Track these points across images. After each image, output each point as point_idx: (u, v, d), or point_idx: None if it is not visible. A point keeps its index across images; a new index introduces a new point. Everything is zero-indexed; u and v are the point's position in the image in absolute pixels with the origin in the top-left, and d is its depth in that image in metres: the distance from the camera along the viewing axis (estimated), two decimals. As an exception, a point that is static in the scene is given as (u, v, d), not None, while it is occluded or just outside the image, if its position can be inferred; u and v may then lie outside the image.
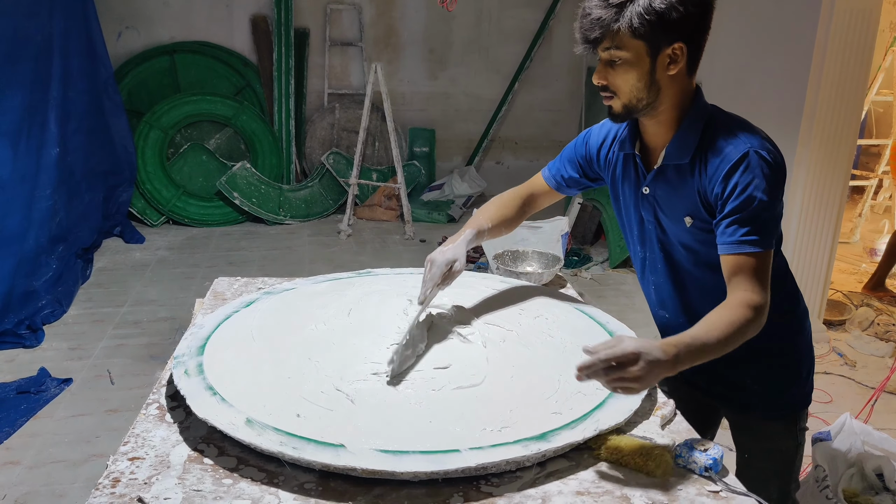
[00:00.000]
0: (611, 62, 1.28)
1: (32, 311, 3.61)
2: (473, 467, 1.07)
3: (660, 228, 1.43)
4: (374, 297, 1.71)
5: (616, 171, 1.50)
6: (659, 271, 1.49)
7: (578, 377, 1.11)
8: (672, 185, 1.37)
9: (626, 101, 1.31)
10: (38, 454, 2.59)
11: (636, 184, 1.45)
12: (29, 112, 3.89)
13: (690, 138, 1.33)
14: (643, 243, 1.50)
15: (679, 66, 1.28)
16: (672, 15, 1.22)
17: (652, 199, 1.42)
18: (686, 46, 1.27)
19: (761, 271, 1.27)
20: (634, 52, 1.26)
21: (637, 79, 1.28)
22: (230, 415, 1.17)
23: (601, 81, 1.31)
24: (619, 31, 1.24)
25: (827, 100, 3.46)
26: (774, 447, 1.52)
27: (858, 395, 3.23)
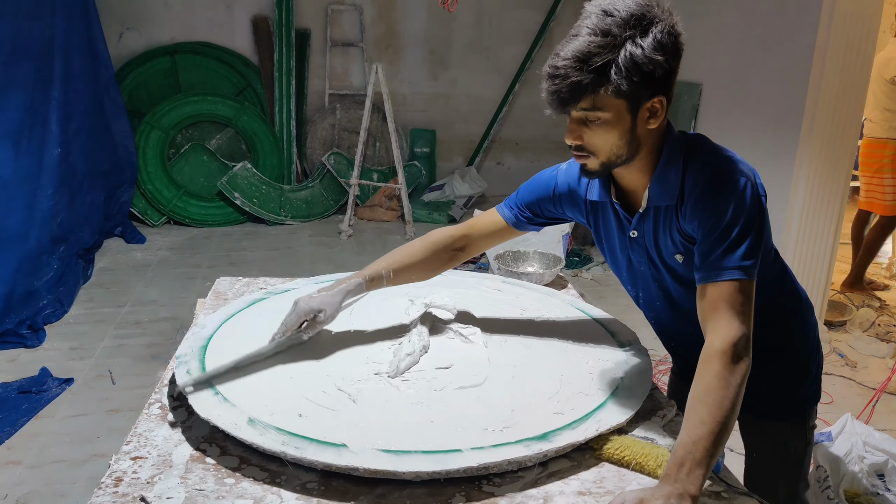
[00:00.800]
0: (585, 120, 1.19)
1: (34, 310, 3.61)
2: (475, 467, 1.07)
3: (653, 268, 1.37)
4: (375, 297, 1.72)
5: (594, 217, 1.43)
6: (658, 308, 1.44)
7: None
8: (659, 226, 1.30)
9: (605, 160, 1.23)
10: (39, 454, 2.59)
11: (620, 229, 1.38)
12: (30, 112, 3.90)
13: (671, 176, 1.25)
14: (634, 283, 1.45)
15: (660, 118, 1.21)
16: (657, 72, 1.15)
17: (641, 241, 1.35)
18: (665, 99, 1.20)
19: (740, 301, 1.17)
20: (615, 112, 1.17)
21: (618, 137, 1.20)
22: (232, 414, 1.18)
23: (576, 142, 1.22)
24: (599, 94, 1.15)
25: (827, 101, 3.47)
26: (784, 447, 1.49)
27: (859, 395, 3.23)
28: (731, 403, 1.09)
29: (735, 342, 1.13)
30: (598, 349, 1.48)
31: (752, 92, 3.90)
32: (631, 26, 1.14)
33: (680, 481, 1.01)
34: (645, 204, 1.30)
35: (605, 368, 1.39)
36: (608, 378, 1.35)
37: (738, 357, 1.13)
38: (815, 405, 1.52)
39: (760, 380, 1.37)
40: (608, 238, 1.42)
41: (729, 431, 1.09)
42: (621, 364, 1.41)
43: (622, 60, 1.13)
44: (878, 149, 4.15)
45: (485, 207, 5.24)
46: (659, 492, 0.99)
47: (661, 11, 1.16)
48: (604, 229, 1.42)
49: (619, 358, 1.44)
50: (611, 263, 1.47)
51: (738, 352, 1.13)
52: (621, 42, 1.13)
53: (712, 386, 1.10)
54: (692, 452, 1.04)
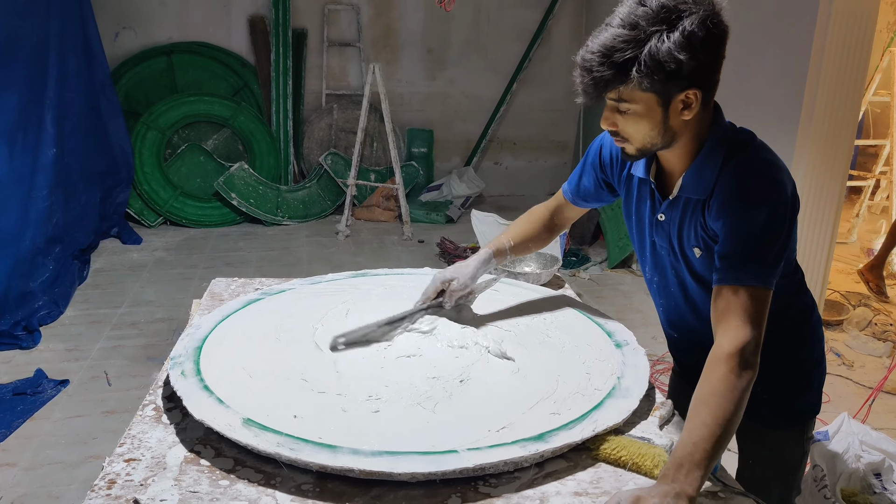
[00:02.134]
0: (618, 108, 1.19)
1: (29, 312, 3.59)
2: (471, 468, 1.07)
3: (673, 255, 1.36)
4: (371, 298, 1.71)
5: (631, 190, 1.42)
6: (671, 295, 1.43)
7: None
8: (686, 216, 1.30)
9: (640, 146, 1.23)
10: (34, 456, 2.58)
11: (651, 209, 1.37)
12: (25, 112, 3.88)
13: (708, 172, 1.23)
14: (654, 266, 1.44)
15: (694, 110, 1.18)
16: (683, 69, 1.11)
17: (667, 226, 1.34)
18: (700, 91, 1.17)
19: (754, 308, 1.15)
20: (644, 104, 1.16)
21: (649, 128, 1.19)
22: (227, 416, 1.17)
23: (610, 128, 1.23)
24: (625, 89, 1.15)
25: (825, 100, 3.46)
26: (780, 455, 1.48)
27: (856, 394, 3.24)
28: (734, 408, 1.09)
29: (745, 348, 1.12)
30: (594, 349, 1.47)
31: (749, 91, 3.90)
32: (659, 20, 1.10)
33: (678, 482, 1.01)
34: (676, 192, 1.29)
35: (601, 368, 1.38)
36: (605, 378, 1.34)
37: (746, 363, 1.12)
38: (814, 417, 1.51)
39: (764, 386, 1.34)
40: (639, 215, 1.41)
41: (730, 436, 1.09)
42: (618, 364, 1.40)
43: (644, 57, 1.10)
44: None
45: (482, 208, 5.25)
46: (655, 491, 0.99)
47: (695, 2, 1.12)
48: (637, 203, 1.41)
49: (616, 358, 1.43)
50: (636, 241, 1.46)
51: (746, 358, 1.12)
52: (646, 37, 1.10)
53: (717, 389, 1.10)
54: (692, 454, 1.03)
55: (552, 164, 6.70)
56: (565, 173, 6.64)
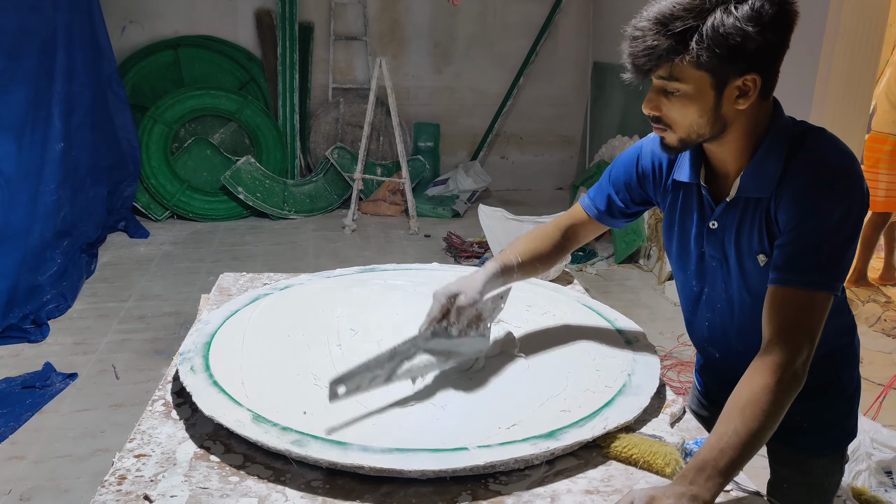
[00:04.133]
0: (665, 90, 1.08)
1: (37, 305, 3.61)
2: (482, 465, 1.06)
3: (726, 266, 1.24)
4: (379, 293, 1.71)
5: (672, 199, 1.29)
6: (717, 311, 1.31)
7: None
8: (746, 219, 1.17)
9: (684, 136, 1.12)
10: (43, 449, 2.59)
11: (700, 217, 1.24)
12: (33, 107, 3.89)
13: (771, 167, 1.12)
14: (701, 278, 1.30)
15: (750, 99, 1.08)
16: (748, 46, 1.01)
17: (721, 234, 1.21)
18: (760, 77, 1.06)
19: (814, 316, 1.06)
20: (696, 85, 1.06)
21: (698, 114, 1.08)
22: (236, 412, 1.17)
23: (653, 112, 1.11)
24: (679, 63, 1.04)
25: (835, 94, 3.44)
26: (819, 481, 1.39)
27: (867, 392, 3.20)
28: (771, 421, 1.02)
29: (797, 358, 1.04)
30: (604, 346, 1.46)
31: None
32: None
33: (696, 484, 0.97)
34: (734, 193, 1.17)
35: (611, 365, 1.37)
36: (615, 375, 1.33)
37: (795, 375, 1.04)
38: (852, 440, 1.42)
39: (804, 416, 1.28)
40: (683, 224, 1.28)
41: (759, 448, 1.03)
42: (628, 361, 1.39)
43: (707, 29, 1.00)
44: (879, 143, 4.13)
45: (489, 202, 5.25)
46: (671, 491, 0.97)
47: None
48: (681, 214, 1.28)
49: (626, 355, 1.42)
50: (677, 255, 1.33)
51: (796, 370, 1.04)
52: (711, 7, 1.01)
53: (758, 398, 1.02)
54: (716, 460, 0.98)
55: (559, 159, 6.68)
56: (572, 168, 6.62)
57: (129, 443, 1.16)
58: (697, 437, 1.21)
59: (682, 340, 3.51)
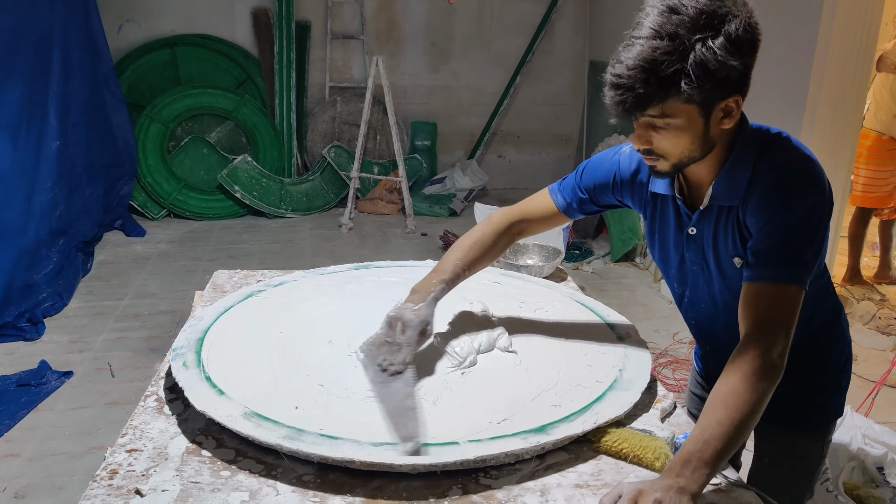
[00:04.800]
0: (653, 125, 1.12)
1: (33, 303, 3.61)
2: (472, 460, 1.07)
3: (707, 269, 1.29)
4: (372, 289, 1.71)
5: (652, 209, 1.35)
6: (702, 310, 1.37)
7: None
8: (720, 226, 1.23)
9: (676, 162, 1.16)
10: (38, 447, 2.59)
11: (678, 224, 1.31)
12: (29, 105, 3.89)
13: (739, 176, 1.18)
14: (682, 282, 1.37)
15: (734, 118, 1.13)
16: (732, 75, 1.06)
17: (699, 239, 1.27)
18: (741, 97, 1.12)
19: (786, 309, 1.11)
20: (686, 117, 1.10)
21: (690, 142, 1.13)
22: (228, 407, 1.17)
23: (645, 146, 1.15)
24: (668, 102, 1.07)
25: (829, 93, 3.45)
26: (800, 458, 1.44)
27: (859, 388, 3.23)
28: (752, 410, 1.04)
29: (772, 350, 1.08)
30: (596, 342, 1.47)
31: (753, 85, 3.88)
32: (701, 27, 1.03)
33: (683, 477, 0.99)
34: (707, 202, 1.23)
35: (603, 361, 1.38)
36: (606, 371, 1.34)
37: (772, 366, 1.07)
38: (836, 420, 1.47)
39: (790, 389, 1.29)
40: (663, 233, 1.35)
41: (744, 439, 1.05)
42: (620, 357, 1.40)
43: (692, 67, 1.03)
44: (862, 138, 4.15)
45: (486, 201, 5.25)
46: (658, 484, 0.98)
47: (734, 4, 1.05)
48: (660, 223, 1.35)
49: (618, 351, 1.43)
50: (659, 259, 1.40)
51: (773, 361, 1.07)
52: (690, 46, 1.03)
53: (738, 389, 1.05)
54: (701, 451, 1.00)
55: (555, 158, 6.68)
56: (568, 167, 6.62)
57: (121, 438, 1.17)
58: (688, 431, 1.22)
59: (678, 338, 3.52)
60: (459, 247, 1.47)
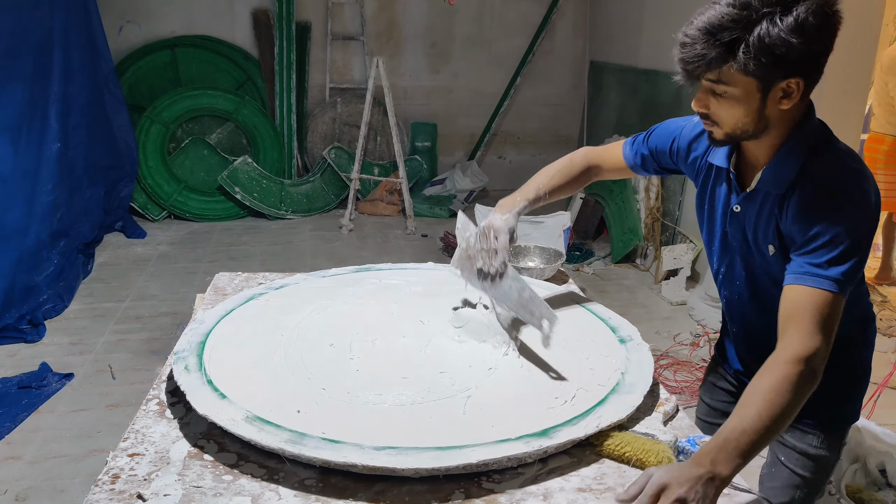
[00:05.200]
0: (713, 90, 1.16)
1: (34, 305, 3.61)
2: (475, 464, 1.06)
3: (745, 246, 1.33)
4: (374, 292, 1.71)
5: (705, 178, 1.39)
6: (735, 287, 1.40)
7: None
8: (763, 210, 1.26)
9: (729, 132, 1.20)
10: (39, 449, 2.59)
11: (727, 198, 1.34)
12: (29, 107, 3.89)
13: (789, 166, 1.20)
14: (721, 257, 1.40)
15: (793, 100, 1.15)
16: (791, 55, 1.08)
17: (742, 217, 1.31)
18: (803, 80, 1.13)
19: (828, 315, 1.12)
20: (743, 89, 1.13)
21: (744, 114, 1.16)
22: (230, 411, 1.17)
23: (702, 110, 1.20)
24: (727, 70, 1.11)
25: (830, 94, 3.44)
26: (816, 459, 1.44)
27: (861, 390, 3.22)
28: (789, 412, 1.07)
29: (814, 356, 1.10)
30: (598, 345, 1.47)
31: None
32: (773, 2, 1.06)
33: (716, 463, 1.00)
34: (754, 185, 1.26)
35: (605, 364, 1.38)
36: (608, 374, 1.34)
37: (812, 372, 1.10)
38: (854, 422, 1.49)
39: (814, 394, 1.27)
40: (712, 204, 1.38)
41: (774, 437, 1.08)
42: (622, 360, 1.40)
43: (753, 39, 1.07)
44: (877, 143, 4.14)
45: (486, 202, 5.24)
46: (686, 475, 0.99)
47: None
48: (710, 194, 1.38)
49: (620, 353, 1.43)
50: (705, 231, 1.43)
51: (813, 366, 1.10)
52: (758, 18, 1.06)
53: (780, 388, 1.07)
54: (738, 440, 1.03)
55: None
56: (569, 167, 6.62)
57: (123, 442, 1.17)
58: (690, 435, 1.22)
59: (679, 340, 3.52)
60: (544, 173, 1.61)
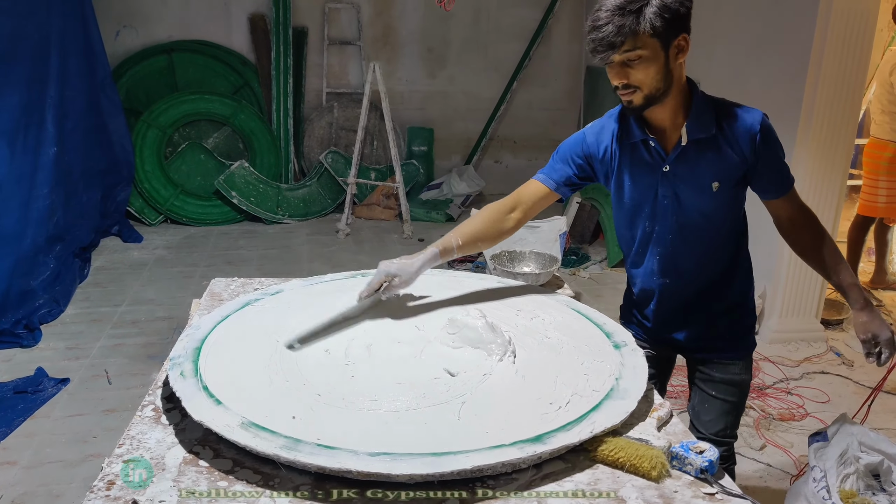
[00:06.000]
0: (627, 62, 1.43)
1: (30, 310, 3.60)
2: (469, 469, 1.07)
3: (676, 201, 1.60)
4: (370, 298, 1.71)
5: (620, 161, 1.63)
6: (668, 242, 1.65)
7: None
8: (695, 159, 1.55)
9: (648, 93, 1.46)
10: (35, 454, 2.59)
11: (653, 165, 1.59)
12: (26, 111, 3.89)
13: (707, 115, 1.53)
14: (653, 218, 1.64)
15: (685, 54, 1.47)
16: (681, 10, 1.41)
17: (672, 176, 1.58)
18: (688, 36, 1.46)
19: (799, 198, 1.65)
20: (652, 49, 1.42)
21: (656, 71, 1.44)
22: (226, 417, 1.17)
23: (622, 81, 1.46)
24: (641, 33, 1.40)
25: (825, 99, 3.46)
26: (739, 383, 1.76)
27: (856, 394, 3.24)
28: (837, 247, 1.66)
29: (816, 217, 1.67)
30: (593, 350, 1.47)
31: (749, 89, 3.90)
32: None
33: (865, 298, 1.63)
34: (686, 139, 1.54)
35: (600, 369, 1.39)
36: (603, 379, 1.34)
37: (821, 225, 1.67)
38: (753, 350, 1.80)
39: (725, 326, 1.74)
40: (635, 177, 1.62)
41: None
42: (616, 365, 1.40)
43: (655, 3, 1.39)
44: (879, 150, 4.15)
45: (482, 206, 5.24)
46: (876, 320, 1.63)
47: None
48: (630, 169, 1.62)
49: (614, 359, 1.43)
50: (630, 205, 1.66)
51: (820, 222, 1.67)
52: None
53: (834, 247, 1.65)
54: (853, 279, 1.64)
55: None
56: (566, 172, 6.64)
57: (119, 448, 1.17)
58: (684, 440, 1.22)
59: (675, 344, 3.53)
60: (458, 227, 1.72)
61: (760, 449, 2.78)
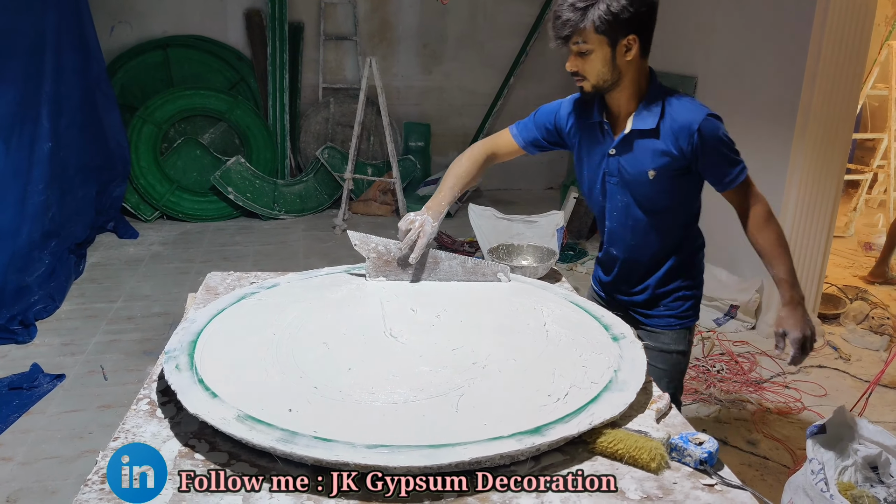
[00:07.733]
0: (581, 53, 1.60)
1: (25, 306, 3.59)
2: (467, 461, 1.06)
3: (622, 182, 1.73)
4: (366, 292, 1.71)
5: (581, 138, 1.80)
6: (615, 218, 1.80)
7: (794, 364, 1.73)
8: (637, 147, 1.68)
9: (594, 83, 1.63)
10: (30, 450, 2.58)
11: (603, 146, 1.74)
12: (21, 107, 3.86)
13: (653, 109, 1.65)
14: (603, 196, 1.79)
15: (633, 53, 1.60)
16: (624, 14, 1.54)
17: (617, 159, 1.72)
18: (638, 37, 1.58)
19: (754, 187, 1.71)
20: (598, 44, 1.58)
21: (602, 65, 1.60)
22: (221, 410, 1.16)
23: (573, 68, 1.64)
24: (585, 29, 1.56)
25: (822, 94, 3.46)
26: (673, 351, 1.87)
27: (853, 388, 3.24)
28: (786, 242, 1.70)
29: (770, 211, 1.70)
30: (591, 342, 1.47)
31: (747, 86, 3.89)
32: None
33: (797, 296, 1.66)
34: (629, 128, 1.67)
35: (598, 362, 1.38)
36: (601, 371, 1.34)
37: (775, 219, 1.70)
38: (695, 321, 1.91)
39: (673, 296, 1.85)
40: (590, 155, 1.79)
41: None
42: (615, 357, 1.40)
43: (601, 4, 1.53)
44: None
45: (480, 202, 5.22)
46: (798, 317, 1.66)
47: None
48: (587, 146, 1.79)
49: (613, 351, 1.43)
50: (585, 179, 1.84)
51: (773, 215, 1.70)
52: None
53: (780, 241, 1.68)
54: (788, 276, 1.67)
55: (548, 159, 6.68)
56: (562, 168, 6.63)
57: (113, 441, 1.16)
58: (682, 432, 1.22)
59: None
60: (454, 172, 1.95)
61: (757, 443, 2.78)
